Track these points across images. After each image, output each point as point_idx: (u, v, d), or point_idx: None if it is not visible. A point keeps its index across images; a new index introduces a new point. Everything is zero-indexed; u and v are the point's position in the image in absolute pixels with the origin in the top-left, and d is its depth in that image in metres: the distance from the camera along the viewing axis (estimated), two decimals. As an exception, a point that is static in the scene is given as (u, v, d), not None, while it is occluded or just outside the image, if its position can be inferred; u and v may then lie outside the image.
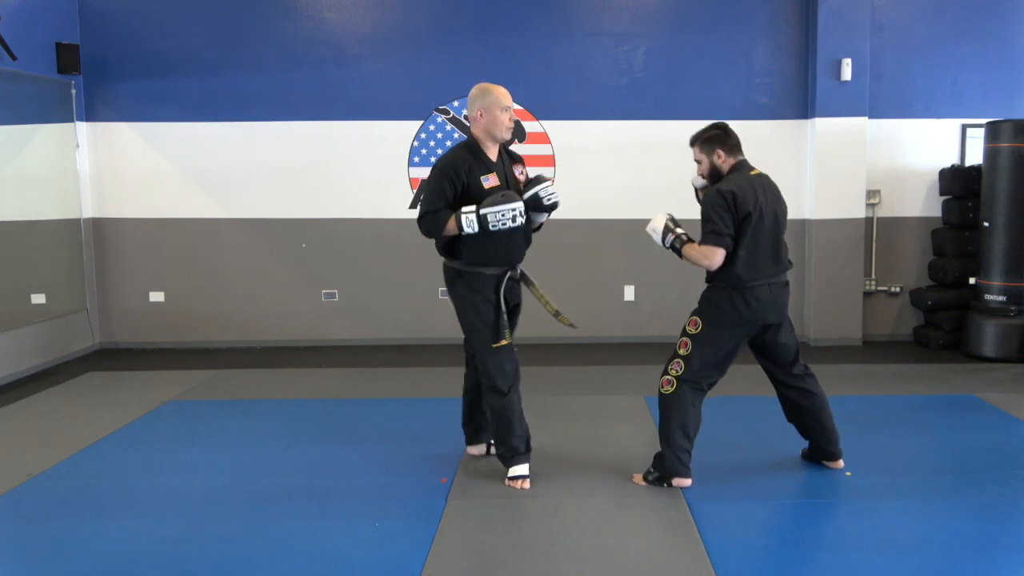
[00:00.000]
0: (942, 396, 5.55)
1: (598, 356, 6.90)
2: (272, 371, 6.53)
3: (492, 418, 4.02)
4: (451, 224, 3.84)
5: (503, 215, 3.79)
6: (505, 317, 3.95)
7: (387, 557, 3.33)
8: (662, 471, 3.90)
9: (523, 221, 3.86)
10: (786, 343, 3.98)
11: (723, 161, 3.88)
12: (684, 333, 3.89)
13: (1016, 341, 6.47)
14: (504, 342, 3.94)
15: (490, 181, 3.92)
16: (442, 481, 4.03)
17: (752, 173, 3.87)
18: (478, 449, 4.38)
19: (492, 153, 3.99)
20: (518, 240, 4.02)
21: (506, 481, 3.97)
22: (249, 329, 7.45)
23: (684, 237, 3.89)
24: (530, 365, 6.45)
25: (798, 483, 4.03)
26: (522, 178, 4.10)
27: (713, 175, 3.91)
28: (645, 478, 3.96)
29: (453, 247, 3.97)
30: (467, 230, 3.81)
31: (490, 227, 3.80)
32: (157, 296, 7.44)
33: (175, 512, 3.73)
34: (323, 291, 7.44)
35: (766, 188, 3.85)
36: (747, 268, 3.78)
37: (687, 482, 3.90)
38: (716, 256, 3.74)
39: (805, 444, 4.23)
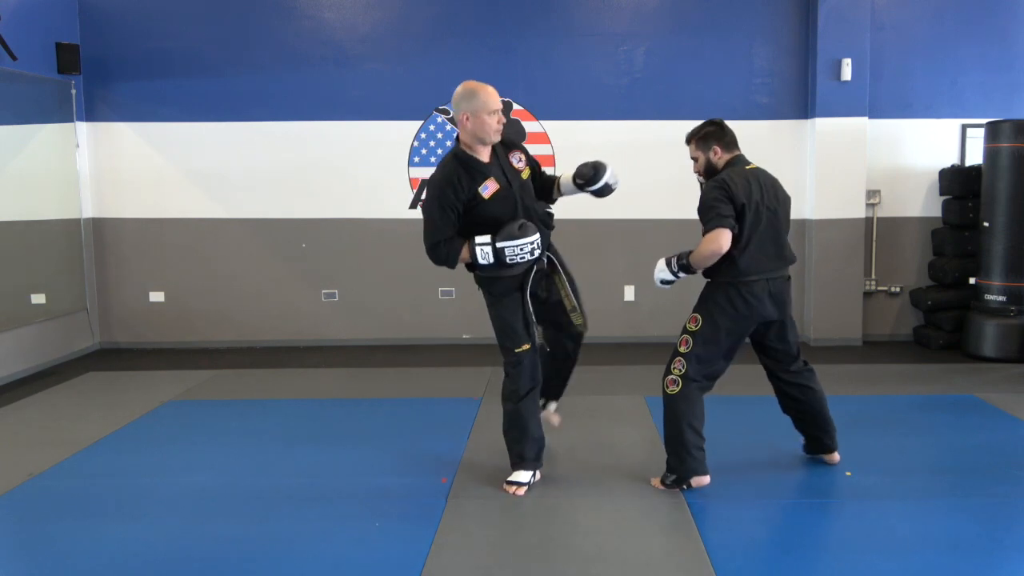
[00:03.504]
0: (942, 396, 5.55)
1: (598, 356, 6.89)
2: (272, 371, 6.53)
3: (506, 422, 3.97)
4: (465, 253, 3.72)
5: (521, 249, 3.67)
6: (532, 315, 3.88)
7: (387, 557, 3.33)
8: (680, 472, 3.86)
9: (540, 253, 3.76)
10: (789, 340, 3.97)
11: (719, 157, 3.87)
12: (684, 330, 3.88)
13: (1016, 341, 6.47)
14: (526, 347, 3.88)
15: (489, 188, 3.75)
16: (442, 481, 4.02)
17: (748, 168, 3.86)
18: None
19: (484, 155, 3.80)
20: (541, 233, 3.84)
21: (504, 483, 3.94)
22: (249, 329, 7.45)
23: (685, 254, 3.80)
24: (530, 365, 6.46)
25: (798, 483, 4.03)
26: (520, 165, 3.91)
27: (709, 172, 3.89)
28: (663, 482, 3.91)
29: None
30: (482, 262, 3.69)
31: (507, 261, 3.67)
32: (157, 296, 7.44)
33: (175, 512, 3.73)
34: (323, 291, 7.44)
35: (762, 182, 3.83)
36: (743, 263, 3.75)
37: (706, 480, 3.88)
38: (723, 237, 3.66)
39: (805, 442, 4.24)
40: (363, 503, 3.83)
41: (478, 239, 3.69)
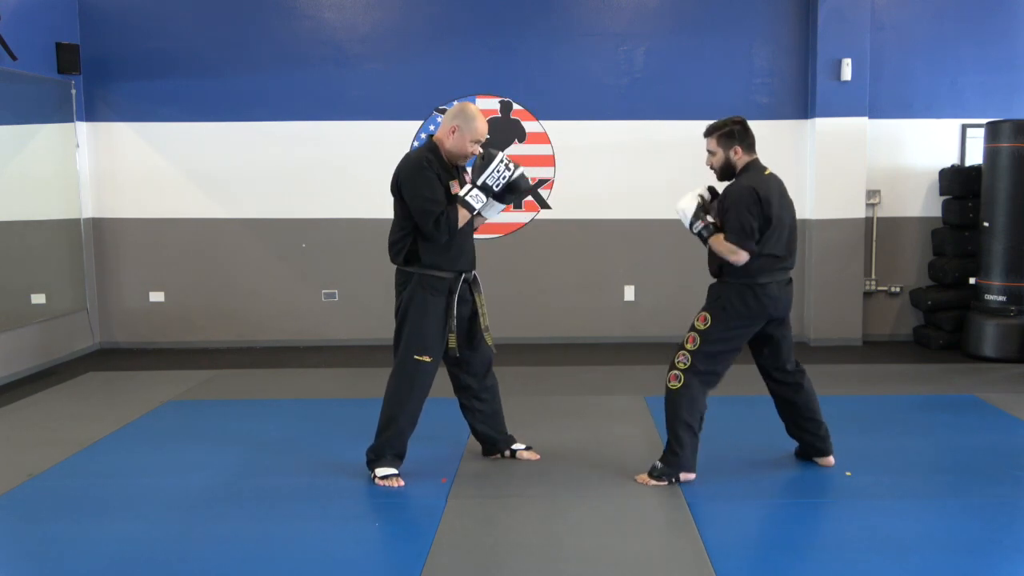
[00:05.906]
0: (942, 396, 5.55)
1: (598, 356, 6.90)
2: (272, 371, 6.53)
3: (381, 413, 4.01)
4: (462, 213, 3.82)
5: (497, 171, 3.81)
6: (454, 322, 3.94)
7: (387, 557, 3.33)
8: (672, 467, 3.90)
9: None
10: (785, 339, 4.01)
11: (739, 158, 3.89)
12: (692, 328, 3.91)
13: (1016, 341, 6.47)
14: (427, 358, 3.93)
15: (454, 187, 3.91)
16: (442, 481, 4.02)
17: (766, 173, 3.90)
18: (494, 457, 4.35)
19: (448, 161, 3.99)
20: (472, 243, 4.05)
21: (376, 481, 3.96)
22: (249, 329, 7.45)
23: (712, 227, 3.86)
24: (530, 365, 6.47)
25: (798, 483, 4.03)
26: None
27: (724, 170, 3.93)
28: (651, 475, 3.94)
29: (412, 253, 3.95)
30: (477, 205, 3.82)
31: (495, 188, 3.81)
32: (157, 296, 7.44)
33: (175, 512, 3.73)
34: (323, 291, 7.44)
35: (779, 189, 3.91)
36: (761, 267, 3.83)
37: (693, 476, 3.92)
38: (742, 255, 3.77)
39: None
40: (363, 503, 3.83)
41: (461, 193, 3.83)
